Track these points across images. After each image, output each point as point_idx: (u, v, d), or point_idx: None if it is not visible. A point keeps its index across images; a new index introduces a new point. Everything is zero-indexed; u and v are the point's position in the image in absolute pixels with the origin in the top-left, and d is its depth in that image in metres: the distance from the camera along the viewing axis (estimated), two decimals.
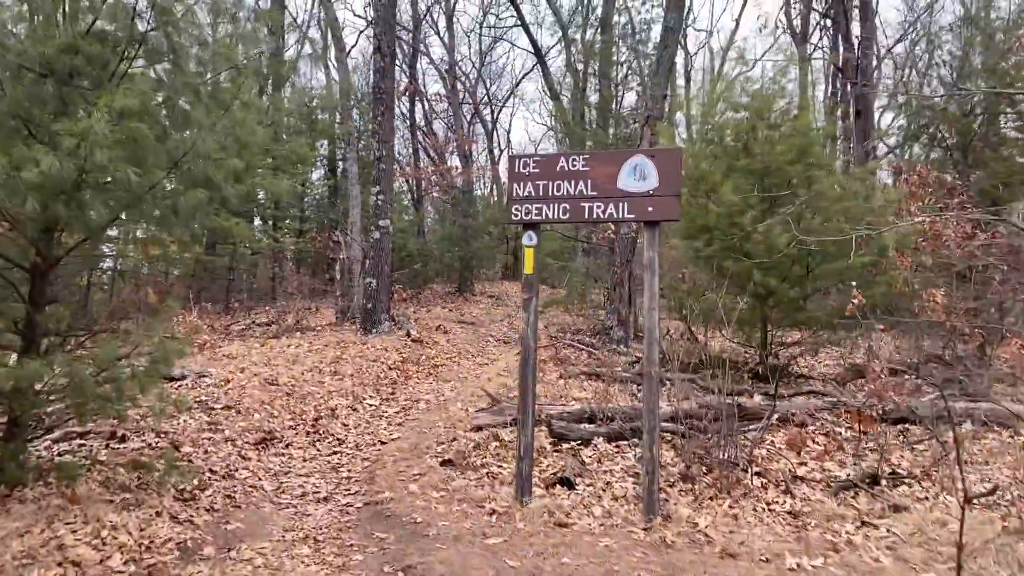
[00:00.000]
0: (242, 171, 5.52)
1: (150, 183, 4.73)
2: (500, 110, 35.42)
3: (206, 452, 6.87)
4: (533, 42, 28.43)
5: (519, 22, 28.19)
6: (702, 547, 4.66)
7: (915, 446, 6.71)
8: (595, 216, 5.34)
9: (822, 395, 8.62)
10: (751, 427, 6.82)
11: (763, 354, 10.07)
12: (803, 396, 8.63)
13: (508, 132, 41.32)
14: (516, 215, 5.51)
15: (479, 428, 7.33)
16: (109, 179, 4.77)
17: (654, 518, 4.93)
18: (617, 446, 6.68)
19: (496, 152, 36.83)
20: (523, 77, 36.94)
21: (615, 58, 18.45)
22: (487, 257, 25.86)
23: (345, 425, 8.80)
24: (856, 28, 19.77)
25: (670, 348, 10.48)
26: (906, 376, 9.21)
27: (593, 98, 26.99)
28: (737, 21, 59.60)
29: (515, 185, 5.53)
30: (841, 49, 20.39)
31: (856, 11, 19.85)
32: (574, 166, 5.42)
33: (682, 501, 5.19)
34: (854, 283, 9.77)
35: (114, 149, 4.42)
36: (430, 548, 4.67)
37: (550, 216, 5.42)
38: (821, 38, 26.15)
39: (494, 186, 35.49)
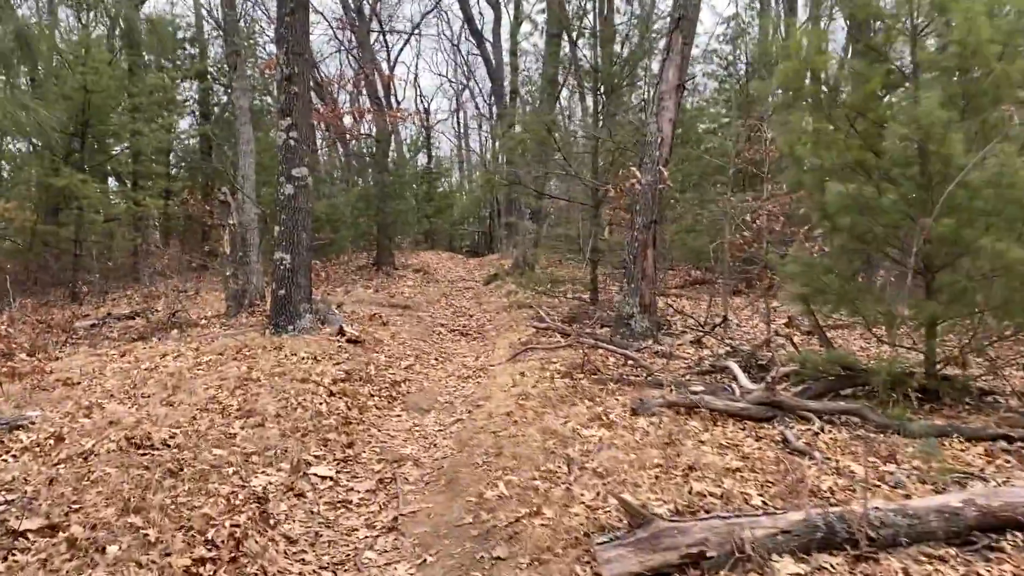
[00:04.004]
0: None
1: None
2: (402, 49, 30.67)
3: None
4: None
5: None
6: None
7: None
8: None
9: None
10: None
11: (931, 361, 6.50)
12: None
13: (415, 75, 35.75)
14: None
15: None
16: None
17: None
18: None
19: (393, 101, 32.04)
20: (431, 10, 32.04)
21: None
22: (410, 222, 21.46)
23: (291, 542, 4.60)
24: None
25: (799, 357, 6.77)
26: None
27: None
28: None
29: None
30: None
31: None
32: None
33: None
34: None
35: None
36: None
37: None
38: None
39: (392, 137, 30.90)
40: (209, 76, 22.76)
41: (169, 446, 5.69)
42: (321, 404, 7.19)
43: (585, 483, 4.70)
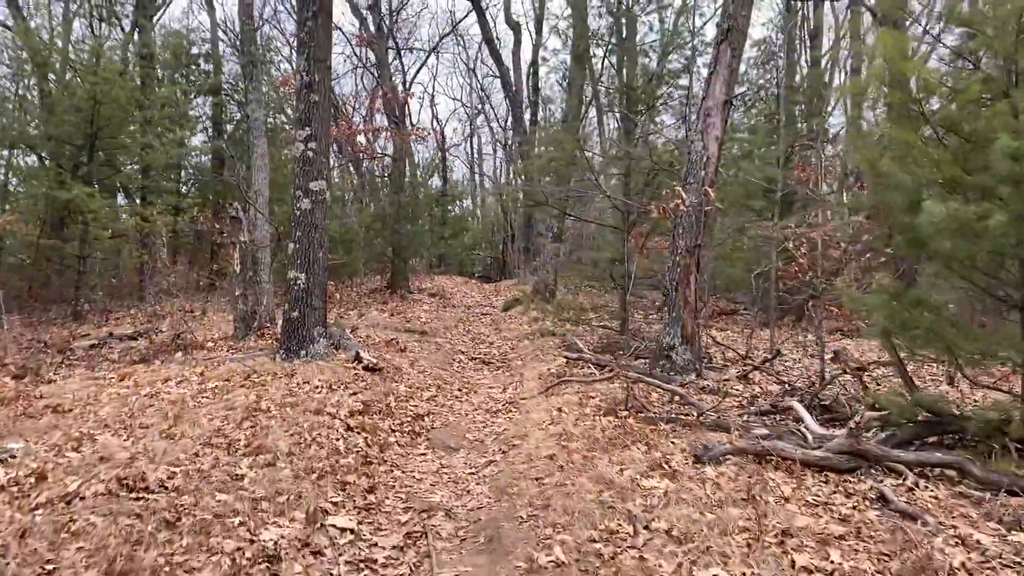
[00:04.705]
0: None
1: None
2: (419, 71, 30.20)
3: None
4: None
5: None
6: None
7: None
8: None
9: None
10: None
11: None
12: None
13: (432, 97, 34.99)
14: None
15: None
16: None
17: None
18: None
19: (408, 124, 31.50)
20: (449, 32, 31.38)
21: None
22: (425, 245, 20.77)
23: None
24: None
25: (882, 399, 6.00)
26: None
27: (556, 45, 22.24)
28: None
29: None
30: None
31: None
32: None
33: None
34: None
35: None
36: None
37: None
38: None
39: (407, 161, 30.36)
40: (223, 92, 22.29)
41: (167, 488, 4.95)
42: (338, 440, 6.45)
43: (659, 549, 3.94)
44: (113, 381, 8.40)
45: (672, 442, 5.95)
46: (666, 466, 5.27)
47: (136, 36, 21.89)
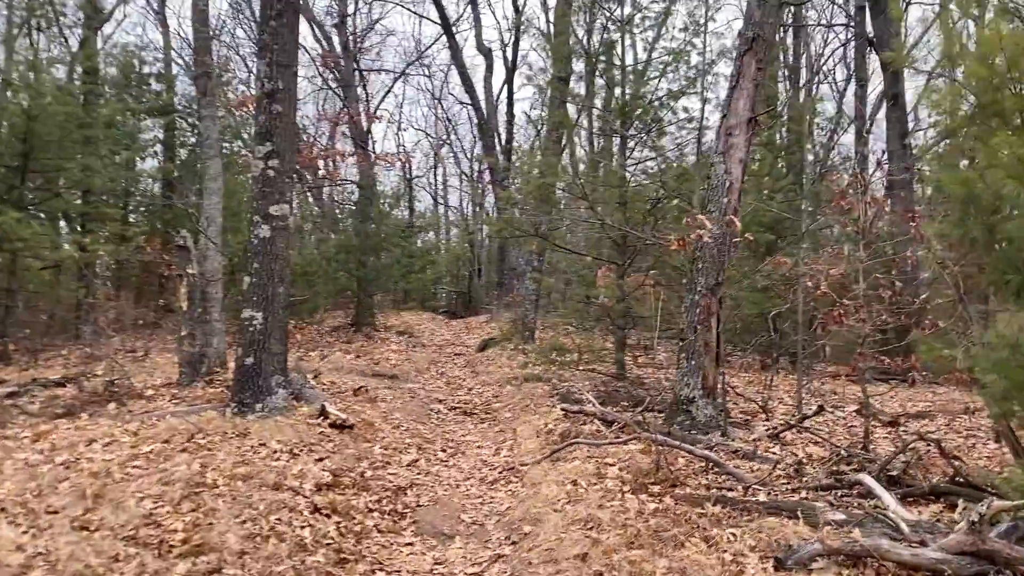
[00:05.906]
0: None
1: None
2: (383, 99, 28.98)
3: None
4: (440, 9, 22.53)
5: None
6: None
7: None
8: None
9: None
10: None
11: None
12: None
13: (399, 125, 33.23)
14: None
15: None
16: None
17: None
18: None
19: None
20: (417, 58, 30.09)
21: None
22: (394, 278, 19.33)
23: None
24: None
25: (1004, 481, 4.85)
26: None
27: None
28: None
29: None
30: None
31: None
32: None
33: None
34: None
35: None
36: None
37: None
38: None
39: (373, 189, 28.97)
40: (176, 114, 20.83)
41: None
42: (303, 527, 5.08)
43: None
44: (25, 443, 6.90)
45: (732, 534, 4.69)
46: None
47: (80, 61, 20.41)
